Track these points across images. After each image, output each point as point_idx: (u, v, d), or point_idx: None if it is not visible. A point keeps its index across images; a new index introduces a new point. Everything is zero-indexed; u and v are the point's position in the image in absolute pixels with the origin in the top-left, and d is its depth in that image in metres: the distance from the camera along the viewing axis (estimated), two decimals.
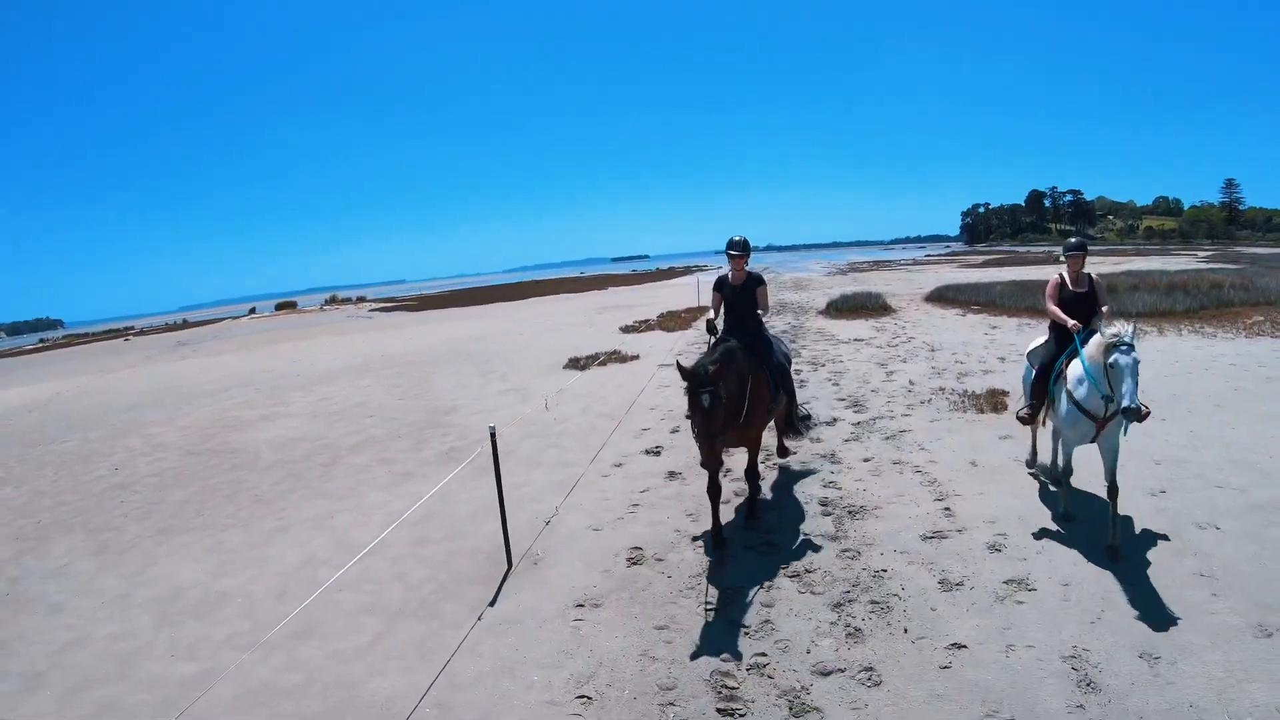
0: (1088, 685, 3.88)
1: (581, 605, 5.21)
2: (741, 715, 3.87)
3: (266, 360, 24.30)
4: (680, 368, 5.43)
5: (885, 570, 5.30)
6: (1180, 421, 8.28)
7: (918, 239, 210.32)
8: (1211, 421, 8.22)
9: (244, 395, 16.73)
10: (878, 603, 4.86)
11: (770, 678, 4.19)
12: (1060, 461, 6.04)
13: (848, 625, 4.64)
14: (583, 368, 15.18)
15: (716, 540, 5.96)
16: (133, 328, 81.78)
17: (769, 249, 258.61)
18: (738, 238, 6.47)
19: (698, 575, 5.53)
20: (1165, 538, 5.49)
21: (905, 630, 4.52)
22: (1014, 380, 10.72)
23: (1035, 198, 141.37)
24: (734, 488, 7.20)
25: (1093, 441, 5.51)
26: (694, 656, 4.46)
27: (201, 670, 5.00)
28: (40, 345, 68.49)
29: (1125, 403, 4.85)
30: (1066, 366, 5.75)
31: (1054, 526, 5.82)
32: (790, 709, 3.88)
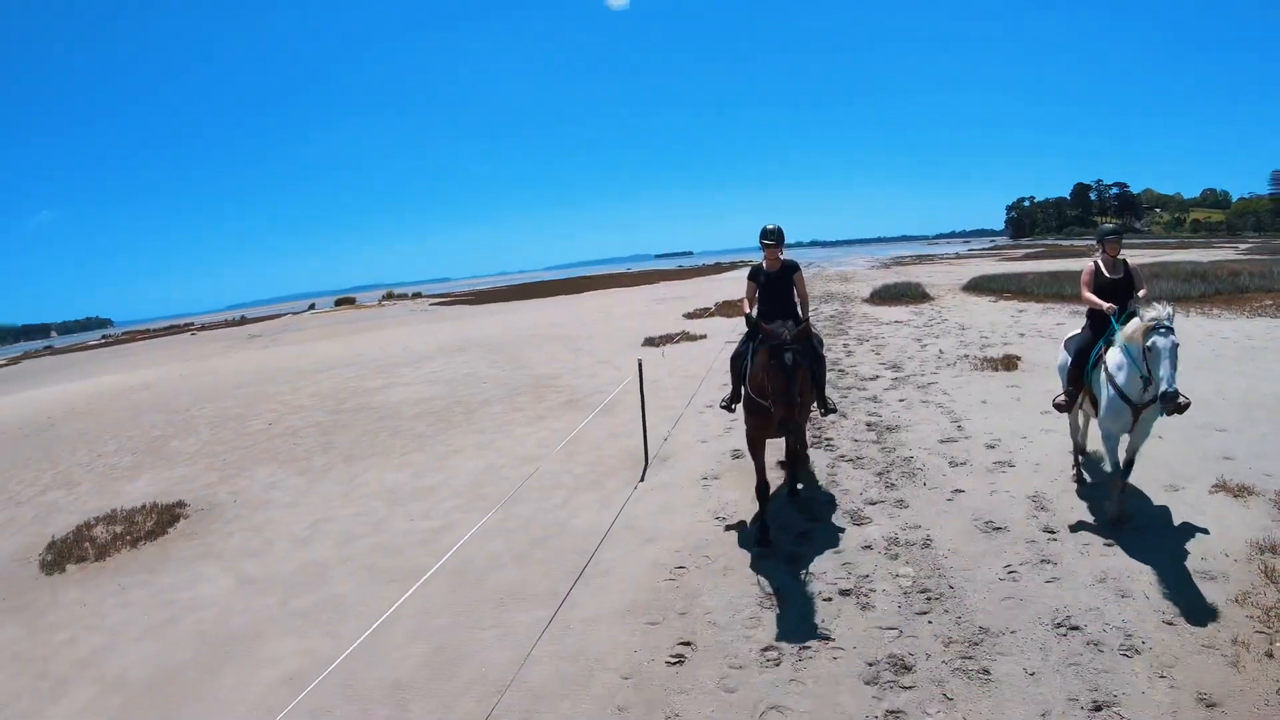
0: (1041, 507, 6.17)
1: (705, 479, 7.64)
2: (821, 523, 6.27)
3: (355, 346, 26.21)
4: (762, 327, 5.47)
5: (912, 457, 7.62)
6: None
7: (962, 233, 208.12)
8: (1185, 376, 10.15)
9: (354, 371, 18.44)
10: (907, 473, 7.21)
11: (838, 506, 6.60)
12: (1108, 462, 5.79)
13: (886, 483, 7.00)
14: (659, 345, 17.51)
15: (762, 541, 5.99)
16: (193, 323, 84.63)
17: (814, 244, 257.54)
18: (771, 226, 6.39)
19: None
20: None
21: (924, 484, 6.88)
22: (1029, 349, 12.76)
23: (1080, 191, 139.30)
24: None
25: (1129, 431, 5.50)
26: (788, 498, 6.83)
27: (439, 525, 7.16)
28: (105, 340, 70.16)
29: (1164, 386, 4.73)
30: (1105, 353, 5.66)
31: (1037, 436, 7.97)
32: (852, 519, 6.28)
